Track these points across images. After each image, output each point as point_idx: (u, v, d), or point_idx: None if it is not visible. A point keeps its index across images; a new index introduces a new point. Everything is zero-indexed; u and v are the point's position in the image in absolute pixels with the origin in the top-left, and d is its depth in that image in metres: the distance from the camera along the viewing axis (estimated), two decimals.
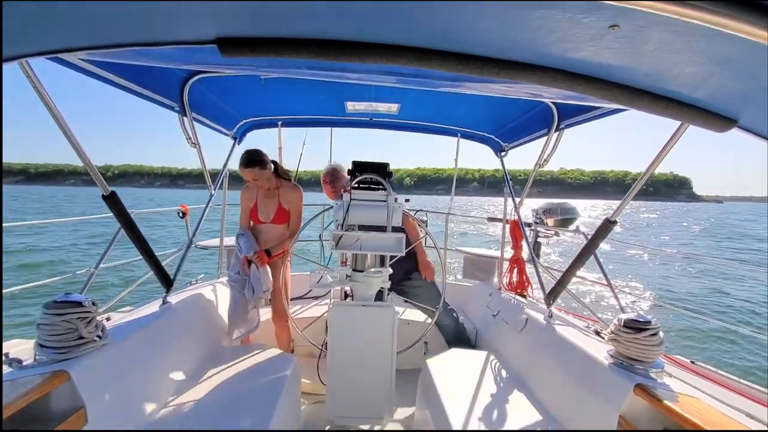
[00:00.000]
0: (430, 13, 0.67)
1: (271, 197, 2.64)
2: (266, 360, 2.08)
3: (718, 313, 8.26)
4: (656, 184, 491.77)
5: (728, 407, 1.29)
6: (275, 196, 2.64)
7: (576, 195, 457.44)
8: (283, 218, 2.64)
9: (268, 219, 2.63)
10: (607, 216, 1.91)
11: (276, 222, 2.63)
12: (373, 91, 2.46)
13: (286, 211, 2.64)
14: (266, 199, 2.64)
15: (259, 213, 2.63)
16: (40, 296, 4.36)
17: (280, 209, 2.63)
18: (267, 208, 2.63)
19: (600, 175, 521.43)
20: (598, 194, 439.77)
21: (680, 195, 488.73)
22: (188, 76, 2.09)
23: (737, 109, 0.86)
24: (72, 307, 1.33)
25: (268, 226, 2.64)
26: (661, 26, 0.61)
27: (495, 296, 2.96)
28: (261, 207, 2.63)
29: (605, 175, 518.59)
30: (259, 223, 2.64)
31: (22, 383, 1.12)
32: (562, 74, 0.84)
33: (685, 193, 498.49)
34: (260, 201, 2.64)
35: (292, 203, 2.65)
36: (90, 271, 2.24)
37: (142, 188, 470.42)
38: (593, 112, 2.05)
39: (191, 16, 0.75)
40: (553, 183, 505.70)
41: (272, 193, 2.64)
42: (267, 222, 2.63)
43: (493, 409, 1.70)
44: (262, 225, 2.64)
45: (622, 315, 1.52)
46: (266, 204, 2.64)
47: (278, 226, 2.65)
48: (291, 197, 2.65)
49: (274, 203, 2.63)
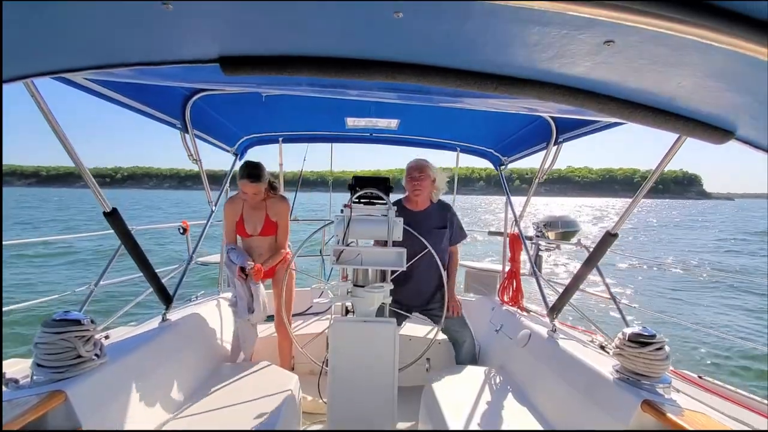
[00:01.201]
0: (429, 31, 0.69)
1: (258, 209, 2.57)
2: (267, 378, 2.04)
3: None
4: (665, 182, 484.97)
5: (738, 422, 1.26)
6: (262, 208, 2.57)
7: (584, 193, 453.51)
8: (271, 230, 2.58)
9: (255, 232, 2.56)
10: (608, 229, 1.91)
11: (264, 234, 2.57)
12: (373, 107, 2.49)
13: (273, 223, 2.58)
14: (253, 210, 2.56)
15: (246, 226, 2.55)
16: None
17: (268, 221, 2.57)
18: (254, 220, 2.56)
19: (608, 173, 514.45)
20: (606, 192, 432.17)
21: (690, 192, 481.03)
22: (190, 94, 2.12)
23: (734, 121, 0.87)
24: (70, 326, 1.31)
25: (257, 239, 2.57)
26: (655, 41, 0.62)
27: (497, 310, 2.92)
28: (248, 219, 2.56)
29: (613, 173, 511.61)
30: (246, 236, 2.57)
31: (18, 404, 1.10)
32: (559, 89, 0.85)
33: (695, 191, 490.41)
34: (246, 213, 2.56)
35: (279, 215, 2.59)
36: (90, 288, 2.22)
37: (150, 190, 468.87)
38: (591, 126, 2.07)
39: (194, 35, 0.76)
40: (561, 181, 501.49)
41: (259, 204, 2.57)
42: (255, 235, 2.56)
43: (498, 425, 1.66)
44: (250, 238, 2.57)
45: (626, 329, 1.50)
46: (253, 216, 2.56)
47: (267, 238, 2.59)
48: (278, 209, 2.60)
49: (261, 215, 2.57)
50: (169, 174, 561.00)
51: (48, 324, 1.30)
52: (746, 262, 16.85)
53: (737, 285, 10.62)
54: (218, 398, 1.82)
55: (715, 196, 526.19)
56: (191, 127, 2.31)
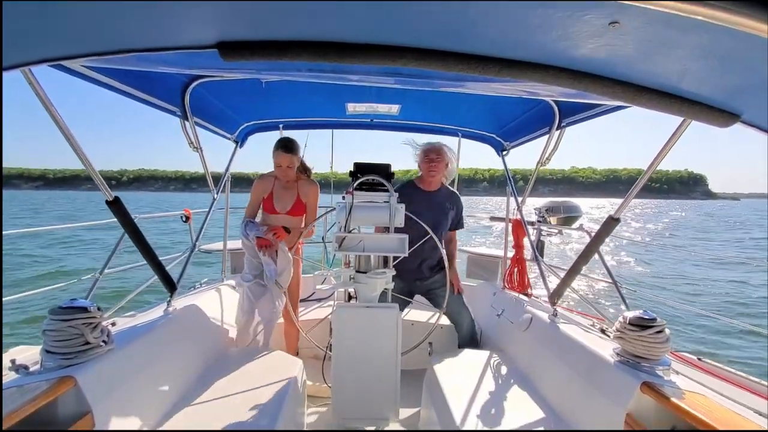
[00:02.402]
0: (430, 14, 0.67)
1: (290, 189, 2.61)
2: (271, 363, 2.08)
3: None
4: (671, 182, 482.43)
5: (737, 404, 1.28)
6: (294, 188, 2.61)
7: (588, 194, 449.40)
8: (300, 211, 2.62)
9: (284, 210, 2.59)
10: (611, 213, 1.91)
11: (292, 214, 2.60)
12: (374, 92, 2.46)
13: (303, 204, 2.62)
14: (284, 190, 2.60)
15: (275, 202, 2.58)
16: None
17: (299, 201, 2.60)
18: (284, 199, 2.59)
19: (612, 173, 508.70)
20: (610, 193, 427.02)
21: (695, 192, 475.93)
22: (189, 80, 2.10)
23: (740, 104, 0.85)
24: (77, 313, 1.33)
25: (284, 217, 2.60)
26: (661, 22, 0.61)
27: (499, 295, 2.95)
28: (278, 197, 2.59)
29: (618, 174, 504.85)
30: (273, 213, 2.60)
31: (29, 389, 1.13)
32: (562, 72, 0.84)
33: (701, 191, 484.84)
34: (277, 192, 2.60)
35: (309, 197, 2.63)
36: (95, 277, 2.25)
37: (156, 192, 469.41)
38: (594, 109, 2.04)
39: (192, 21, 0.75)
40: (564, 182, 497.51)
41: (291, 185, 2.61)
42: (283, 213, 2.59)
43: (499, 408, 1.70)
44: (276, 215, 2.60)
45: (627, 312, 1.51)
46: (283, 195, 2.60)
47: (293, 218, 2.62)
48: (309, 191, 2.63)
49: (293, 195, 2.60)
50: (174, 176, 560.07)
51: (55, 311, 1.32)
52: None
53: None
54: (224, 383, 1.86)
55: (720, 196, 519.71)
56: (191, 115, 2.29)
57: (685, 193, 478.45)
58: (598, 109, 2.01)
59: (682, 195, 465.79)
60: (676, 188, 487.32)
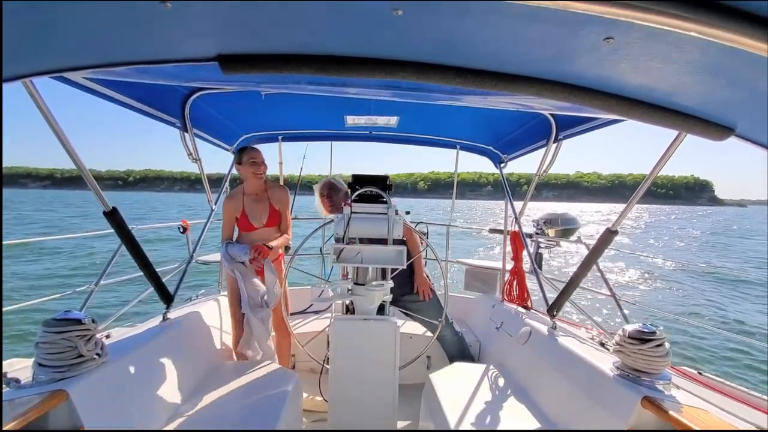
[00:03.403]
0: (429, 28, 0.68)
1: (260, 201, 2.55)
2: (267, 377, 2.05)
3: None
4: (676, 188, 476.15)
5: (738, 419, 1.26)
6: (264, 199, 2.56)
7: (593, 199, 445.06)
8: (275, 220, 2.57)
9: (261, 223, 2.53)
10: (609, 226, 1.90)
11: (270, 225, 2.55)
12: (372, 104, 2.48)
13: (277, 212, 2.57)
14: (255, 203, 2.54)
15: (250, 219, 2.51)
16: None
17: (273, 210, 2.55)
18: (258, 213, 2.53)
19: (618, 178, 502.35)
20: (615, 198, 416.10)
21: (701, 199, 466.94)
22: (189, 92, 2.12)
23: (734, 118, 0.86)
24: (71, 325, 1.32)
25: (264, 231, 2.53)
26: (655, 38, 0.62)
27: (498, 308, 2.93)
28: (251, 212, 2.52)
29: (623, 179, 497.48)
30: (251, 229, 2.52)
31: (20, 403, 1.11)
32: (558, 86, 0.85)
33: (707, 197, 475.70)
34: (249, 207, 2.52)
35: (282, 203, 2.59)
36: (90, 288, 2.23)
37: (161, 192, 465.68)
38: (591, 123, 2.06)
39: (192, 34, 0.76)
40: (569, 187, 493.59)
41: (261, 196, 2.56)
42: (260, 227, 2.53)
43: (498, 423, 1.67)
44: (255, 231, 2.53)
45: (626, 326, 1.50)
46: (256, 208, 2.53)
47: (274, 230, 2.57)
48: (280, 196, 2.60)
49: (265, 206, 2.55)
50: (179, 177, 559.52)
51: (49, 323, 1.30)
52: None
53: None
54: (219, 397, 1.83)
55: (727, 202, 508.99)
56: (191, 126, 2.30)
57: (691, 199, 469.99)
58: (595, 122, 2.03)
59: (687, 201, 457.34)
60: (681, 194, 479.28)
